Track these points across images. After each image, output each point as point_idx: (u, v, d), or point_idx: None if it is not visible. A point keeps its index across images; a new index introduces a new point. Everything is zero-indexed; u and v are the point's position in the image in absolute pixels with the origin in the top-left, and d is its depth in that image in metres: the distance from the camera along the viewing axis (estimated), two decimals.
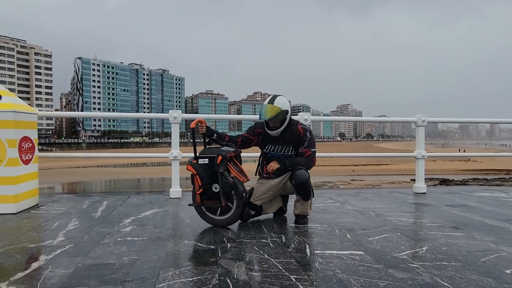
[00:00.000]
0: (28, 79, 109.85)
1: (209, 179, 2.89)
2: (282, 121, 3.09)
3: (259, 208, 3.19)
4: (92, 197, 4.42)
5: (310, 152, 3.10)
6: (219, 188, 2.87)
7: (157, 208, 3.76)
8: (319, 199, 4.31)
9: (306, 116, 4.71)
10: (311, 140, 3.13)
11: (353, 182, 18.51)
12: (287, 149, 3.17)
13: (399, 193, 4.91)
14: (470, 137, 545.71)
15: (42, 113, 4.42)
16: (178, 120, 4.53)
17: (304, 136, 3.12)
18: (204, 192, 2.91)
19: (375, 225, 3.04)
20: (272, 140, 3.20)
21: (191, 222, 3.15)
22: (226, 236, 2.70)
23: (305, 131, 3.14)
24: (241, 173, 2.99)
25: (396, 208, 3.82)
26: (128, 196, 4.54)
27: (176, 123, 4.56)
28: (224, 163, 2.86)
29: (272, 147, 3.22)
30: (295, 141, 3.12)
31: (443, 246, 2.47)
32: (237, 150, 3.12)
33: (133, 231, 2.82)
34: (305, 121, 4.67)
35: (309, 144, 3.12)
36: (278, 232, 2.83)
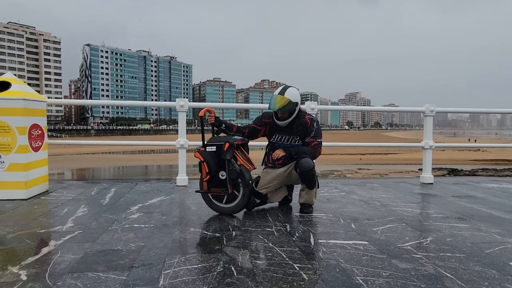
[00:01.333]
0: (38, 66, 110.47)
1: (216, 166, 2.92)
2: (291, 112, 3.10)
3: (264, 197, 3.22)
4: (100, 184, 4.49)
5: (316, 142, 3.11)
6: (226, 176, 2.90)
7: (164, 196, 3.81)
8: (324, 189, 4.32)
9: (313, 105, 4.69)
10: (317, 130, 3.14)
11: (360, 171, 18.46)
12: (294, 139, 3.18)
13: (405, 183, 4.90)
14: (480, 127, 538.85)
15: (52, 101, 4.46)
16: (185, 108, 4.54)
17: (311, 126, 3.13)
18: (211, 179, 2.95)
19: (380, 215, 3.05)
20: (280, 130, 3.21)
21: (197, 210, 3.19)
22: (231, 224, 2.73)
23: (312, 121, 3.15)
24: (248, 161, 3.01)
25: (402, 198, 3.82)
26: (135, 183, 4.60)
27: (183, 111, 4.57)
28: (231, 150, 2.88)
29: (279, 137, 3.23)
30: (302, 131, 3.13)
31: (448, 237, 2.47)
32: (244, 139, 3.13)
33: (140, 218, 2.87)
34: (312, 110, 4.65)
35: (315, 134, 3.12)
36: (283, 221, 2.86)
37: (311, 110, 4.65)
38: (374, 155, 29.43)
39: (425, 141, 5.01)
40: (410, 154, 28.75)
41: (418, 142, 5.19)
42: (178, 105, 4.52)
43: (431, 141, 5.00)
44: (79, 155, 31.26)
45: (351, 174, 17.53)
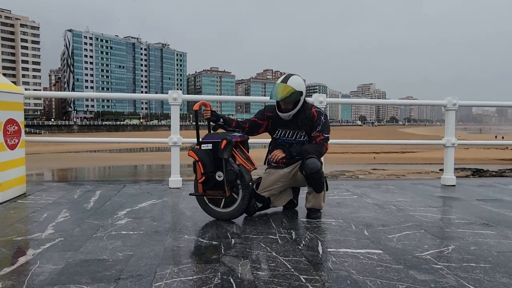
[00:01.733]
0: (14, 54, 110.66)
1: (212, 166, 2.91)
2: (295, 103, 3.11)
3: (267, 201, 3.22)
4: (84, 186, 4.50)
5: (322, 137, 3.11)
6: (223, 177, 2.90)
7: (155, 199, 3.81)
8: (334, 191, 4.32)
9: (322, 98, 4.68)
10: (325, 124, 3.14)
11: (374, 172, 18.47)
12: (299, 134, 3.18)
13: (424, 185, 4.89)
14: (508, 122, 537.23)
15: (29, 93, 4.47)
16: (178, 101, 4.54)
17: (318, 119, 3.14)
18: (207, 180, 2.94)
19: (396, 221, 3.05)
20: (283, 124, 3.22)
21: (192, 215, 3.19)
22: (230, 231, 2.74)
23: (319, 114, 3.16)
24: (248, 161, 3.00)
25: (420, 202, 3.82)
26: (123, 185, 4.61)
27: (176, 104, 4.57)
28: (229, 148, 2.88)
29: (282, 132, 3.23)
30: (308, 125, 3.14)
31: (472, 246, 2.47)
32: (244, 136, 3.13)
33: (128, 224, 2.88)
34: (320, 103, 4.65)
35: (322, 129, 3.12)
36: (288, 227, 2.86)
37: (319, 103, 4.65)
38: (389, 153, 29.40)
39: (447, 138, 5.00)
40: (430, 153, 28.71)
41: (438, 140, 5.18)
42: (170, 97, 4.52)
43: (453, 138, 4.99)
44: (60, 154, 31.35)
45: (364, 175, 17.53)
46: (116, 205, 3.54)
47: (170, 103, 4.56)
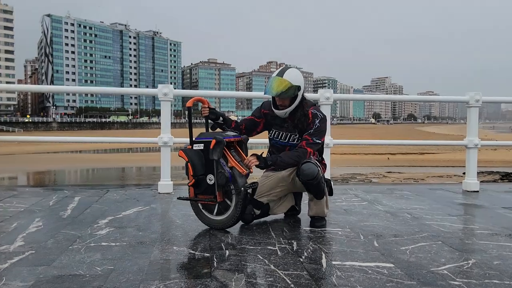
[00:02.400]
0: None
1: (203, 169, 2.94)
2: (293, 99, 3.12)
3: (265, 207, 3.23)
4: (61, 191, 4.51)
5: (311, 142, 3.08)
6: (214, 180, 2.92)
7: (141, 206, 3.82)
8: (342, 197, 4.32)
9: (328, 94, 4.68)
10: (318, 128, 3.12)
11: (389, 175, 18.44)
12: (292, 136, 3.19)
13: (444, 190, 4.89)
14: None
15: (2, 86, 4.49)
16: (169, 97, 4.55)
17: (312, 122, 3.13)
18: (198, 184, 2.97)
19: (410, 231, 3.05)
20: (278, 123, 3.24)
21: (182, 224, 3.19)
22: (224, 242, 2.74)
23: (314, 117, 3.14)
24: (242, 164, 3.00)
25: (438, 209, 3.82)
26: (106, 190, 4.62)
27: (166, 100, 4.59)
28: (219, 148, 2.89)
29: (276, 133, 3.26)
30: (302, 124, 3.15)
31: (495, 260, 2.47)
32: (241, 136, 3.13)
33: (110, 235, 2.88)
34: (326, 100, 4.65)
35: (314, 133, 3.11)
36: (289, 237, 2.86)
37: (325, 99, 4.65)
38: (407, 155, 29.36)
39: (469, 138, 5.00)
40: (454, 154, 28.66)
41: (461, 140, 5.17)
42: (160, 93, 4.53)
43: (476, 139, 4.98)
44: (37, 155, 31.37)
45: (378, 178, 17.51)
46: (97, 213, 3.54)
47: (160, 99, 4.57)
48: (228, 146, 3.00)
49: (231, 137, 3.02)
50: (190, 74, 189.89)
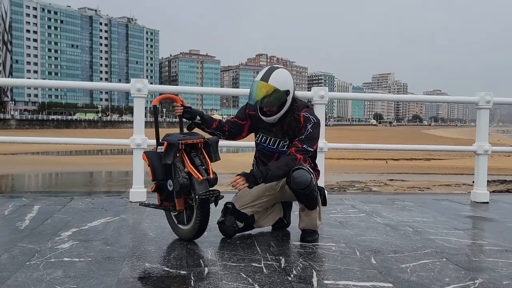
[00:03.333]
0: None
1: (164, 173, 3.05)
2: (281, 105, 3.09)
3: (249, 219, 3.24)
4: (19, 199, 4.47)
5: (301, 149, 3.08)
6: (173, 186, 3.02)
7: (110, 216, 3.80)
8: (337, 207, 4.35)
9: (323, 92, 4.71)
10: (311, 135, 3.11)
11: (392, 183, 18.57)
12: (282, 143, 3.18)
13: (450, 201, 4.94)
14: None
15: None
16: (143, 93, 4.53)
17: (303, 127, 3.11)
18: (160, 189, 3.10)
19: (411, 247, 3.08)
20: (265, 126, 3.23)
21: (156, 237, 3.19)
22: (204, 258, 2.74)
23: (306, 121, 3.13)
24: (201, 169, 2.99)
25: (444, 222, 3.86)
26: (71, 198, 4.59)
27: (140, 97, 4.57)
28: (171, 152, 2.94)
29: (263, 137, 3.25)
30: (293, 129, 3.13)
31: (505, 279, 2.50)
32: (204, 137, 3.14)
33: (73, 249, 2.86)
34: (321, 98, 4.68)
35: (305, 139, 3.10)
36: (276, 252, 2.87)
37: (320, 98, 4.67)
38: (410, 161, 29.60)
39: (478, 143, 5.06)
40: (463, 160, 28.95)
41: (471, 145, 5.23)
42: (133, 88, 4.51)
43: (487, 144, 5.05)
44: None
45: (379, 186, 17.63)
46: (59, 224, 3.51)
47: (132, 95, 4.54)
48: (189, 149, 3.05)
49: (188, 139, 3.04)
50: (168, 67, 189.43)
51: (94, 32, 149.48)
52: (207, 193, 2.95)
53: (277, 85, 3.02)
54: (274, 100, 3.04)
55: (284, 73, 3.10)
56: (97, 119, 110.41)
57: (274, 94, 3.02)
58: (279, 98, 3.04)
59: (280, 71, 3.09)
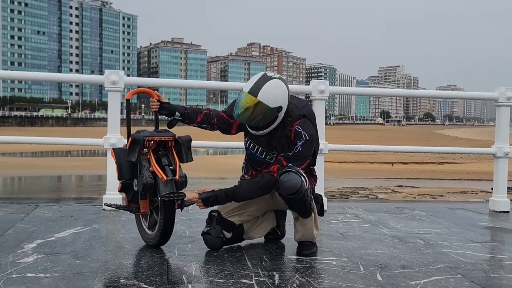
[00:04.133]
0: None
1: (130, 172, 3.17)
2: (269, 121, 3.03)
3: (238, 229, 3.24)
4: None
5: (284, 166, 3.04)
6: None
7: (81, 226, 3.79)
8: (338, 217, 4.36)
9: (323, 86, 4.71)
10: (300, 154, 3.07)
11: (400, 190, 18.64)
12: (270, 155, 3.16)
13: (466, 210, 4.97)
14: None
15: None
16: (118, 86, 4.53)
17: (293, 144, 3.06)
18: (125, 189, 3.22)
19: (422, 261, 3.08)
20: (253, 136, 3.21)
21: (132, 249, 3.18)
22: (187, 273, 2.73)
23: (298, 138, 3.06)
24: (164, 169, 3.03)
25: (459, 234, 3.88)
26: (35, 205, 4.56)
27: (115, 90, 4.56)
28: (136, 149, 3.03)
29: (251, 144, 3.25)
30: (283, 147, 3.08)
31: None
32: (173, 134, 3.17)
33: (38, 263, 2.84)
34: (321, 94, 4.68)
35: (293, 157, 3.06)
36: (269, 267, 2.86)
37: (319, 93, 4.68)
38: (421, 164, 29.75)
39: (498, 144, 5.10)
40: (480, 164, 29.13)
41: (489, 147, 5.26)
42: (108, 80, 4.50)
43: (507, 146, 5.08)
44: None
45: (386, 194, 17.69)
46: (22, 234, 3.49)
47: (107, 89, 4.54)
48: (158, 147, 3.12)
49: (155, 136, 3.10)
50: (148, 57, 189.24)
51: (63, 17, 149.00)
52: (171, 195, 2.98)
53: (268, 101, 2.93)
54: (262, 120, 2.99)
55: (277, 84, 3.00)
56: (67, 116, 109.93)
57: (263, 111, 2.95)
58: (268, 117, 2.99)
59: (272, 83, 2.98)
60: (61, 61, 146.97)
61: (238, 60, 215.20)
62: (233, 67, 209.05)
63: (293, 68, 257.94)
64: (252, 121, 3.00)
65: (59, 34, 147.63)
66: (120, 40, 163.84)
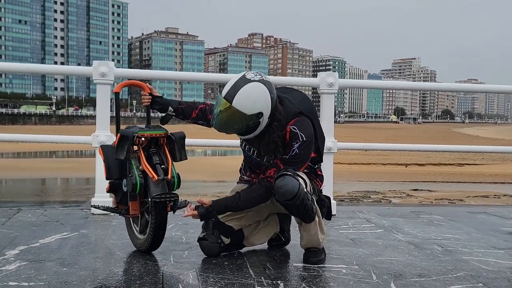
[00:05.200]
0: None
1: (119, 171, 3.18)
2: (249, 128, 2.99)
3: (237, 235, 3.25)
4: None
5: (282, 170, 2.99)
6: None
7: (67, 231, 3.80)
8: (348, 222, 4.36)
9: (332, 79, 4.72)
10: (297, 157, 3.03)
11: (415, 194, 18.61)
12: (266, 157, 3.12)
13: (488, 214, 4.97)
14: None
15: None
16: (108, 78, 4.53)
17: (289, 146, 3.02)
18: (113, 190, 3.25)
19: (440, 269, 3.09)
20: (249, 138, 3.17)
21: (124, 257, 3.19)
22: (183, 282, 2.74)
23: (293, 139, 3.01)
24: (155, 167, 3.04)
25: (480, 240, 3.88)
26: (17, 209, 4.57)
27: (105, 83, 4.57)
28: (124, 146, 3.02)
29: (247, 146, 3.25)
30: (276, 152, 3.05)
31: None
32: (165, 131, 3.18)
33: (21, 271, 2.84)
34: (329, 87, 4.69)
35: (289, 160, 3.02)
36: (273, 276, 2.87)
37: (328, 87, 4.69)
38: (439, 166, 29.72)
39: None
40: (504, 166, 29.09)
41: None
42: (96, 72, 4.51)
43: None
44: None
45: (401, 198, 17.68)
46: (4, 240, 3.50)
47: (95, 81, 4.55)
48: (149, 145, 3.14)
49: (145, 132, 3.11)
50: (140, 48, 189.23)
51: (47, 4, 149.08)
52: (162, 196, 2.98)
53: (243, 108, 2.88)
54: (240, 128, 2.97)
55: (255, 89, 2.91)
56: (51, 113, 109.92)
57: (238, 119, 2.91)
58: (246, 125, 2.94)
59: (250, 87, 2.90)
60: (44, 52, 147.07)
61: (238, 52, 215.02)
62: (233, 59, 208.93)
63: (298, 61, 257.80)
64: (228, 129, 2.99)
65: (43, 24, 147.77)
66: (109, 30, 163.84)
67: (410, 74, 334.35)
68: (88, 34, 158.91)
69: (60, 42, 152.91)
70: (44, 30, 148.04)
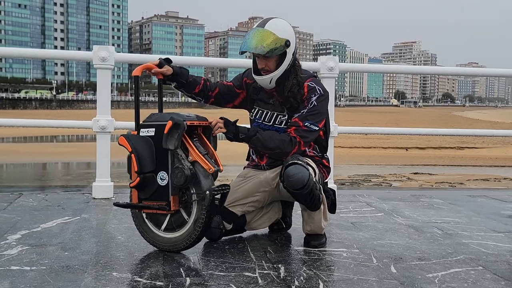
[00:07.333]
0: None
1: (153, 163, 2.90)
2: (280, 59, 3.09)
3: (240, 220, 3.25)
4: None
5: (303, 128, 3.06)
6: (168, 179, 2.88)
7: (69, 216, 3.80)
8: (349, 206, 4.37)
9: (332, 63, 4.70)
10: (315, 109, 3.10)
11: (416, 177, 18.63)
12: (279, 118, 3.17)
13: (488, 198, 4.97)
14: None
15: None
16: (108, 63, 4.53)
17: (307, 99, 3.11)
18: (144, 184, 2.92)
19: (440, 253, 3.09)
20: (262, 98, 3.24)
21: (126, 241, 3.19)
22: (185, 266, 2.74)
23: (311, 92, 3.12)
24: (209, 158, 2.94)
25: (480, 223, 3.89)
26: (19, 193, 4.57)
27: (105, 68, 4.56)
28: (177, 134, 2.81)
29: (259, 112, 3.26)
30: (296, 99, 3.11)
31: None
32: (207, 120, 3.09)
33: (23, 255, 2.85)
34: (330, 71, 4.67)
35: (308, 114, 3.08)
36: (274, 260, 2.87)
37: (328, 71, 4.67)
38: (440, 150, 29.73)
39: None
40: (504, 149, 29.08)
41: None
42: (96, 57, 4.50)
43: None
44: None
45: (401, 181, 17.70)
46: (5, 225, 3.50)
47: (95, 66, 4.54)
48: (189, 132, 2.94)
49: (194, 120, 2.97)
50: (140, 32, 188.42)
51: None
52: (219, 189, 2.91)
53: (276, 31, 3.06)
54: (271, 46, 3.03)
55: (283, 22, 3.16)
56: (51, 98, 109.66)
57: (271, 40, 3.03)
58: (277, 47, 3.04)
59: (278, 19, 3.16)
60: (44, 37, 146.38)
61: (239, 36, 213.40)
62: (233, 43, 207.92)
63: (299, 44, 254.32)
64: (258, 44, 3.04)
65: (42, 8, 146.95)
66: (109, 14, 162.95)
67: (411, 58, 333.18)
68: (88, 18, 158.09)
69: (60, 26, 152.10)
70: (44, 14, 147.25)
